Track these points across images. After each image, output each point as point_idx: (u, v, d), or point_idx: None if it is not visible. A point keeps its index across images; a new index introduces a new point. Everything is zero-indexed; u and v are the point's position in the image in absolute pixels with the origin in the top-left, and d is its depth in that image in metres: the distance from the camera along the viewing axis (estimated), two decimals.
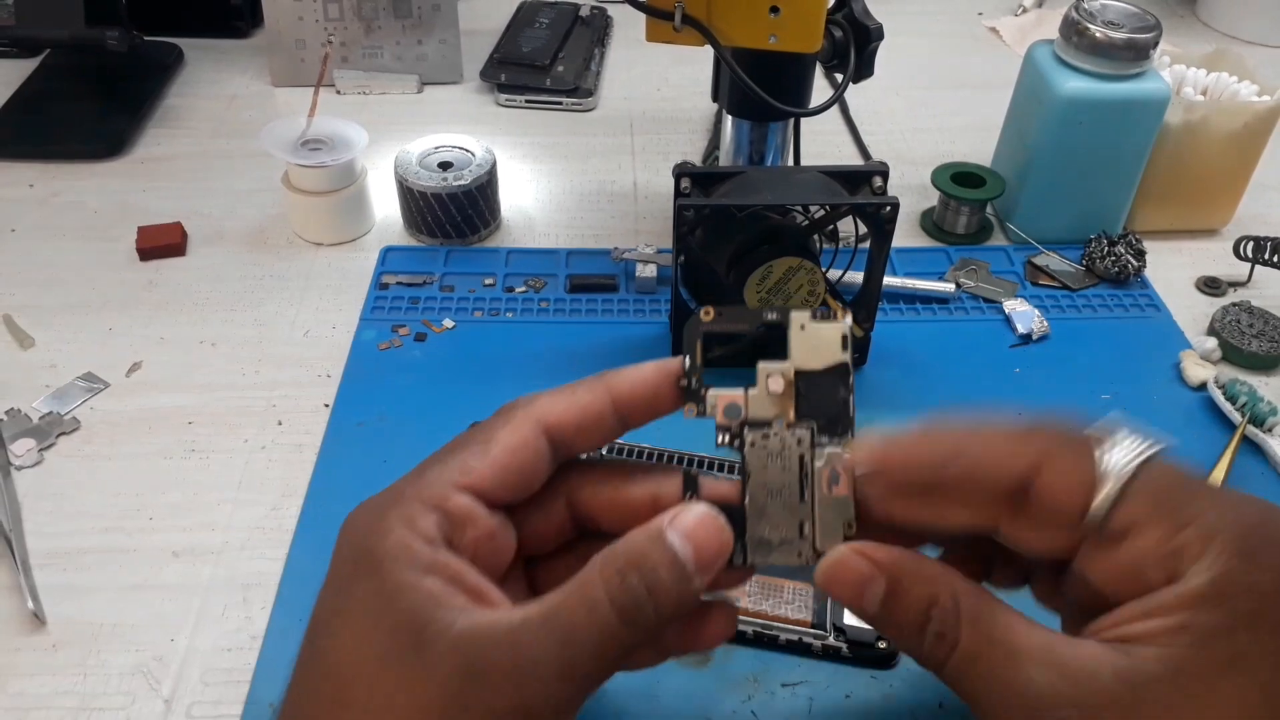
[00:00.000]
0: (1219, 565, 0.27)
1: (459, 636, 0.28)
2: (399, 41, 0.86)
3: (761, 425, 0.32)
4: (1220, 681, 0.26)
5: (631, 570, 0.29)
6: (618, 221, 0.73)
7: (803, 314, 0.32)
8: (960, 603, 0.29)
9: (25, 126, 0.79)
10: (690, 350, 0.33)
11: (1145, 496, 0.29)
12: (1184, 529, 0.28)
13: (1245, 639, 0.26)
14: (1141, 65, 0.63)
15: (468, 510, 0.32)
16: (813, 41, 0.56)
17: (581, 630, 0.29)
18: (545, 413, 0.33)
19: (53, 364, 0.59)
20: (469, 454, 0.32)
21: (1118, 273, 0.66)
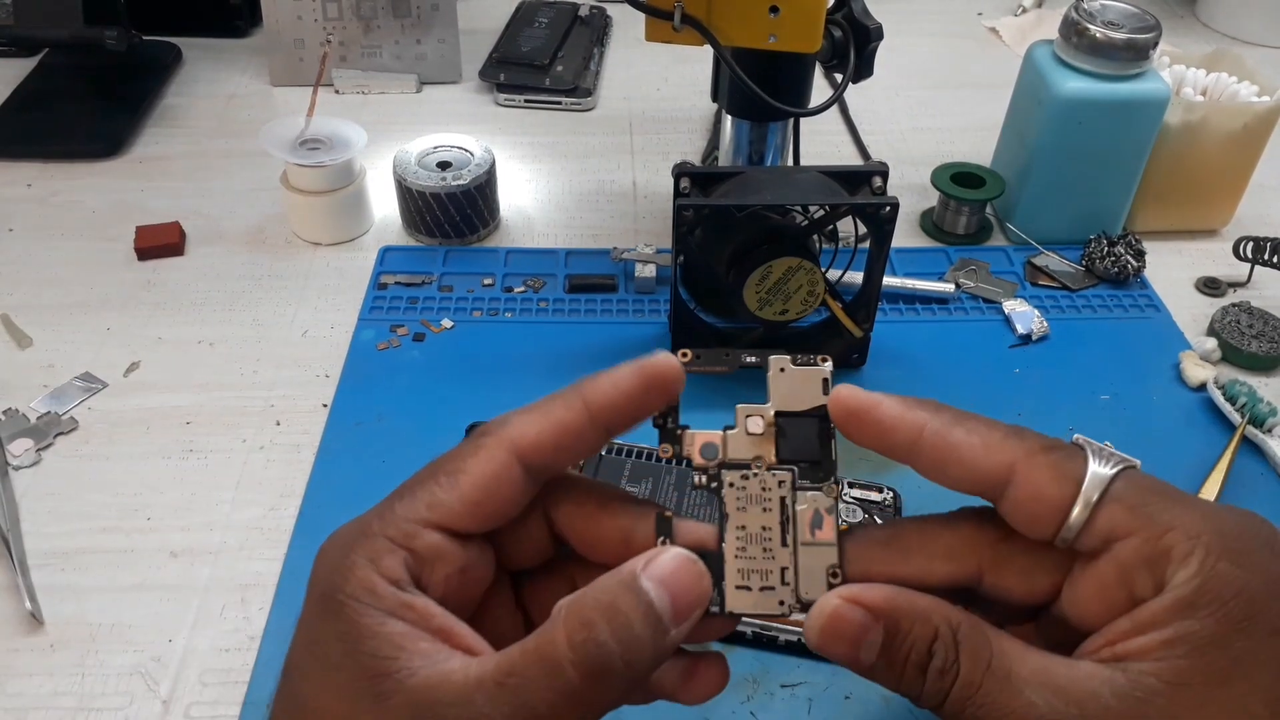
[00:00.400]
0: (1205, 569, 0.26)
1: (415, 689, 0.27)
2: (398, 41, 0.86)
3: (740, 466, 0.30)
4: (1221, 691, 0.26)
5: (600, 621, 0.27)
6: (617, 221, 0.73)
7: (782, 358, 0.31)
8: (959, 633, 0.28)
9: (24, 126, 0.79)
10: None
11: (1124, 503, 0.28)
12: (1167, 533, 0.27)
13: (1241, 645, 0.26)
14: (1141, 65, 0.63)
15: (436, 548, 0.30)
16: (812, 41, 0.56)
17: (539, 695, 0.26)
18: (519, 437, 0.31)
19: (51, 364, 0.59)
20: (438, 486, 0.30)
21: (1117, 273, 0.66)
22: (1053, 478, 0.28)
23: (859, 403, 0.30)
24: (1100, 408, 0.58)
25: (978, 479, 0.29)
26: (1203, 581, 0.26)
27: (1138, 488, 0.28)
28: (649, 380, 0.30)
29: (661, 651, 0.28)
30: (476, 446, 0.31)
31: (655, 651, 0.27)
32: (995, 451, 0.29)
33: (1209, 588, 0.26)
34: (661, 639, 0.27)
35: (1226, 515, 0.28)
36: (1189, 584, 0.26)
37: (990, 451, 0.29)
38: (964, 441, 0.29)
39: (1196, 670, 0.26)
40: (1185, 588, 0.26)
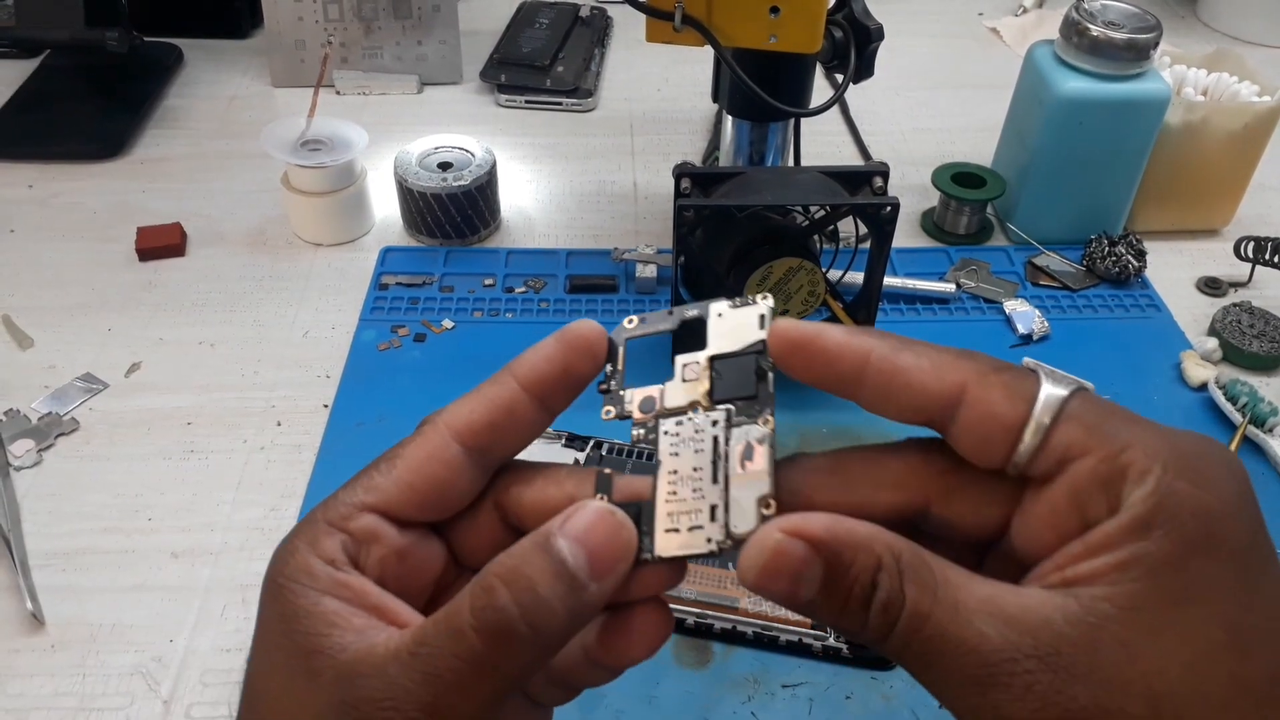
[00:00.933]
0: (1162, 488, 0.25)
1: (343, 664, 0.27)
2: (399, 42, 0.86)
3: (677, 414, 0.30)
4: (1176, 614, 0.25)
5: (500, 586, 0.26)
6: (618, 222, 0.73)
7: (721, 303, 0.31)
8: (902, 561, 0.26)
9: (25, 127, 0.79)
10: (612, 359, 0.31)
11: (1080, 421, 0.26)
12: (1124, 450, 0.26)
13: (1198, 566, 0.25)
14: (1142, 65, 0.63)
15: (371, 529, 0.30)
16: (813, 42, 0.56)
17: (445, 663, 0.26)
18: (453, 419, 0.30)
19: (52, 364, 0.59)
20: (376, 471, 0.30)
21: (1118, 273, 0.66)
22: (1005, 396, 0.27)
23: (801, 333, 0.28)
24: None
25: (928, 403, 0.27)
26: (1159, 500, 0.25)
27: (1093, 407, 0.27)
28: (569, 345, 0.30)
29: (579, 610, 0.27)
30: (416, 434, 0.31)
31: (569, 612, 0.26)
32: (946, 372, 0.27)
33: (1165, 506, 0.25)
34: (578, 597, 0.26)
35: (1184, 436, 0.26)
36: (1145, 503, 0.25)
37: (940, 372, 0.27)
38: (913, 365, 0.27)
39: (1151, 593, 0.25)
40: (1140, 507, 0.25)
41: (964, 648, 0.25)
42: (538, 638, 0.26)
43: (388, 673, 0.26)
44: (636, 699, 0.42)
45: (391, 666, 0.26)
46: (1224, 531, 0.25)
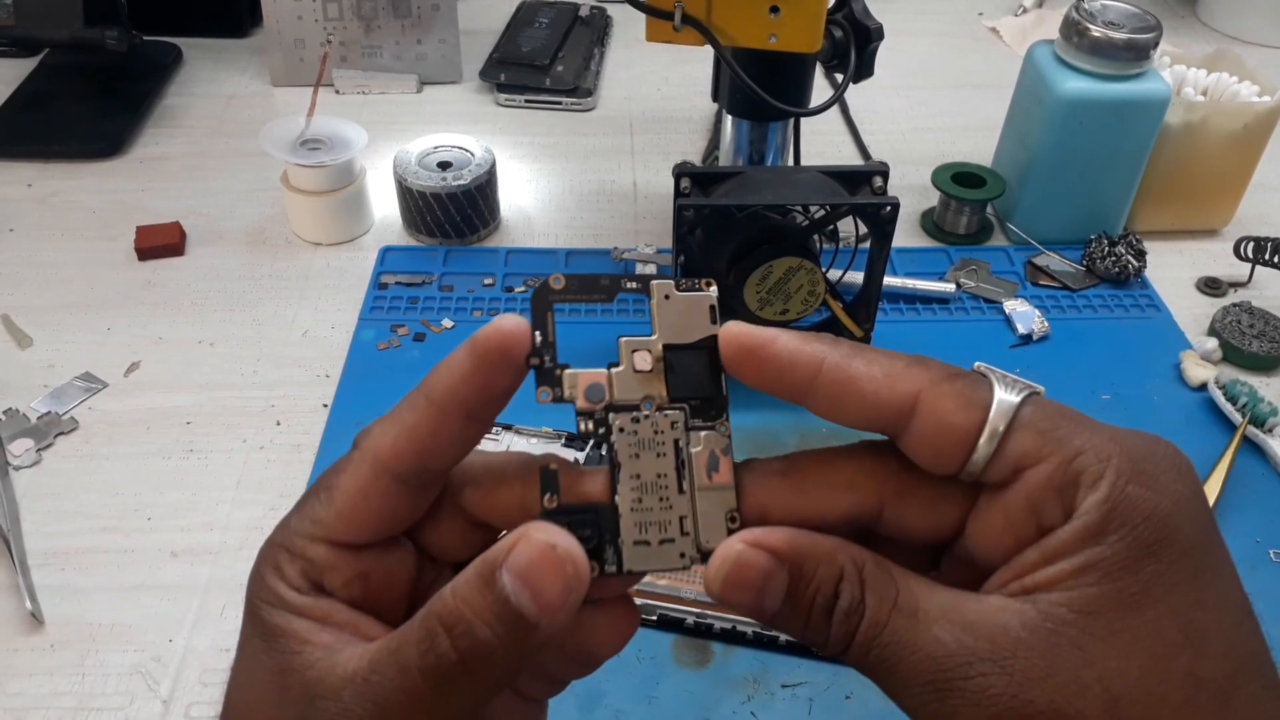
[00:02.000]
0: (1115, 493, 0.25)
1: (309, 681, 0.27)
2: (398, 41, 0.86)
3: (629, 408, 0.28)
4: (1133, 617, 0.25)
5: (440, 634, 0.25)
6: (617, 221, 0.73)
7: (666, 284, 0.29)
8: (864, 571, 0.27)
9: (24, 126, 0.79)
10: (541, 325, 0.28)
11: (1033, 428, 0.26)
12: (1077, 456, 0.26)
13: (1152, 569, 0.25)
14: (1142, 65, 0.63)
15: (325, 559, 0.29)
16: (813, 41, 0.56)
17: (392, 696, 0.26)
18: (378, 449, 0.29)
19: (51, 364, 0.59)
20: (318, 502, 0.30)
21: (1118, 273, 0.66)
22: (959, 405, 0.26)
23: (753, 339, 0.28)
24: (1101, 407, 0.58)
25: (880, 411, 0.27)
26: (1112, 505, 0.25)
27: (1046, 412, 0.27)
28: (482, 357, 0.28)
29: (530, 650, 0.26)
30: (347, 461, 0.30)
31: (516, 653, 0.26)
32: (898, 381, 0.27)
33: (1119, 512, 0.25)
34: (527, 638, 0.26)
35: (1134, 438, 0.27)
36: (1099, 509, 0.25)
37: (893, 381, 0.27)
38: (865, 373, 0.27)
39: (1107, 597, 0.25)
40: (1095, 513, 0.25)
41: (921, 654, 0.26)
42: (481, 679, 0.26)
43: (342, 696, 0.26)
44: (636, 699, 0.42)
45: (346, 691, 0.26)
46: (1176, 532, 0.25)
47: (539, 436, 0.52)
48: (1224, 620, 0.25)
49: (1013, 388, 0.27)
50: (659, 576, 0.45)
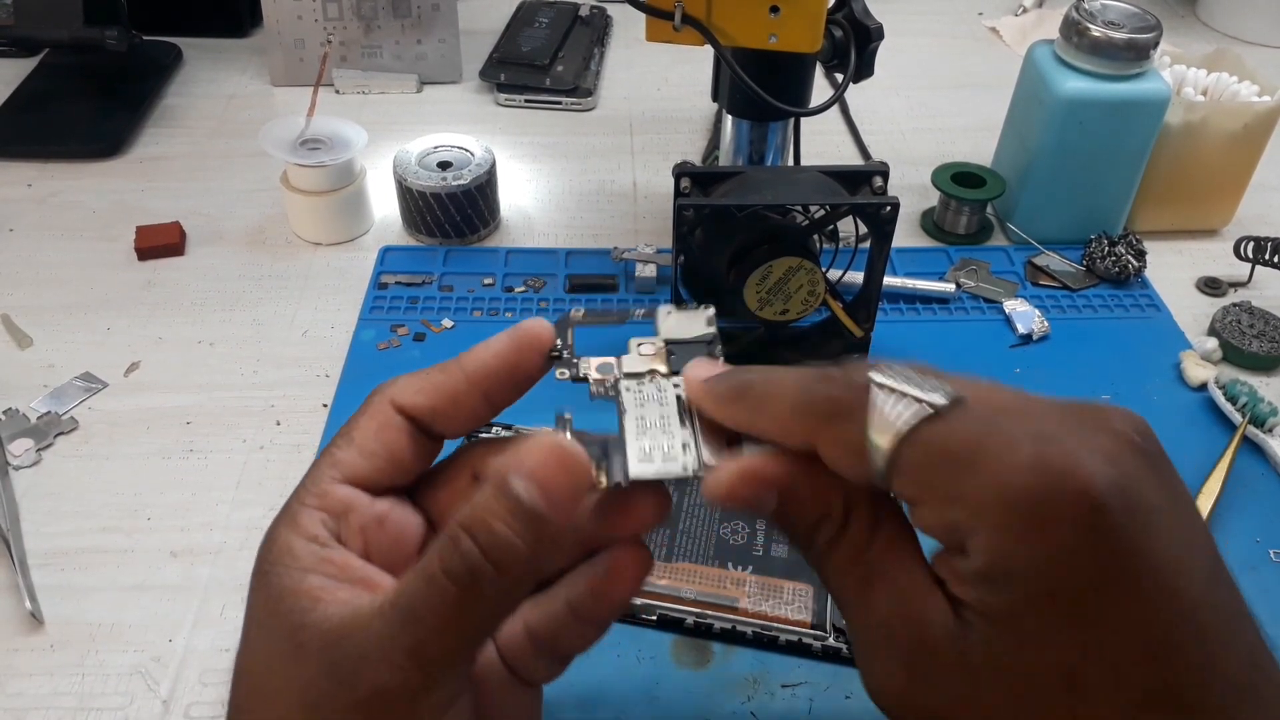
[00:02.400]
0: (992, 547, 0.26)
1: (328, 631, 0.28)
2: (398, 41, 0.86)
3: (636, 378, 0.32)
4: (1016, 661, 0.26)
5: (462, 536, 0.27)
6: (617, 221, 0.73)
7: (668, 306, 0.35)
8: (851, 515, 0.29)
9: (24, 126, 0.79)
10: (563, 338, 0.34)
11: (909, 478, 0.27)
12: (952, 506, 0.26)
13: (1032, 621, 0.25)
14: (1142, 65, 0.63)
15: (347, 499, 0.31)
16: (813, 41, 0.56)
17: (422, 607, 0.27)
18: (398, 394, 0.32)
19: (51, 364, 0.59)
20: (335, 448, 0.32)
21: (1118, 273, 0.66)
22: (843, 455, 0.28)
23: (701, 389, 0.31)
24: None
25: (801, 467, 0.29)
26: (989, 559, 0.25)
27: (927, 452, 0.27)
28: (520, 343, 0.32)
29: (543, 543, 0.27)
30: (364, 407, 0.33)
31: (532, 546, 0.27)
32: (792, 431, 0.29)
33: (998, 566, 0.25)
34: (540, 530, 0.27)
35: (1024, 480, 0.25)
36: (979, 558, 0.26)
37: (787, 432, 0.29)
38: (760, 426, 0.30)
39: (995, 639, 0.26)
40: (977, 560, 0.26)
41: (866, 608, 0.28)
42: (505, 576, 0.27)
43: (372, 626, 0.27)
44: (636, 699, 0.42)
45: (375, 621, 0.27)
46: (1060, 583, 0.25)
47: None
48: (1119, 662, 0.25)
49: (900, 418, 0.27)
50: (659, 576, 0.45)
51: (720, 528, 0.47)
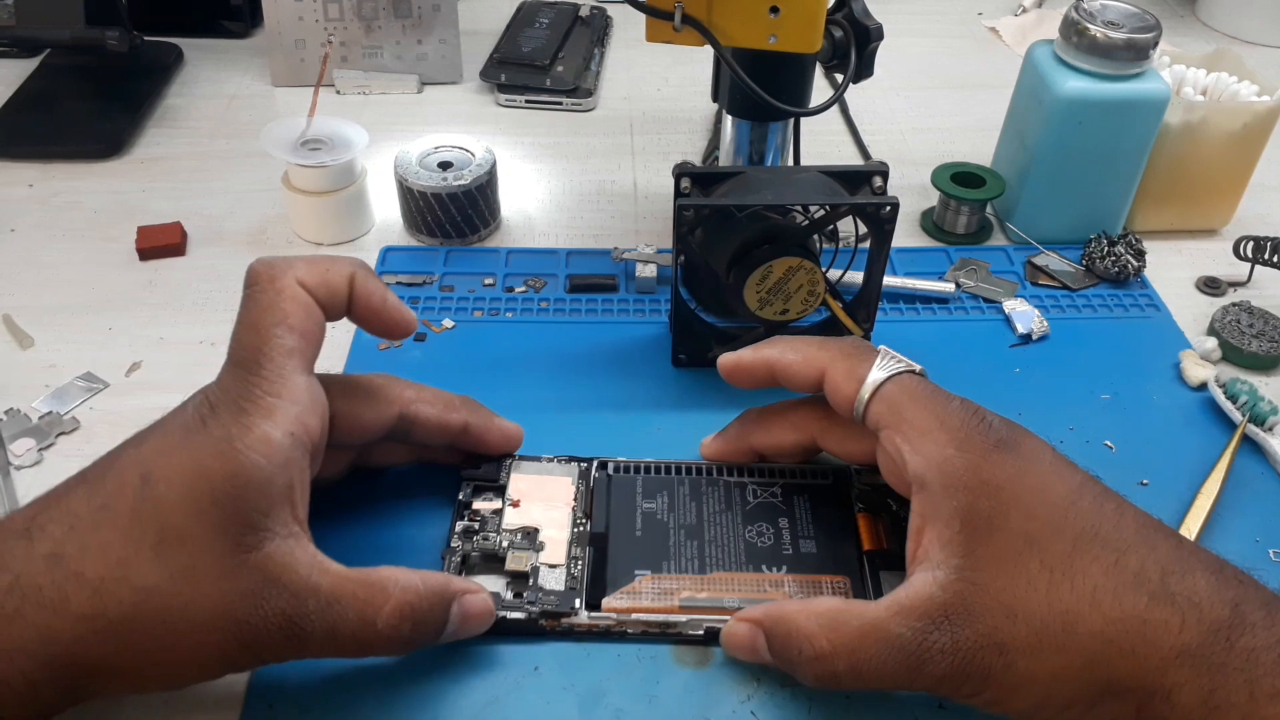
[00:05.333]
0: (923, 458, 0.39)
1: (269, 554, 0.35)
2: (399, 41, 0.86)
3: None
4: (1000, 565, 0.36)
5: (408, 621, 0.38)
6: (618, 221, 0.73)
7: None
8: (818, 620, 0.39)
9: (25, 126, 0.79)
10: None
11: (886, 402, 0.41)
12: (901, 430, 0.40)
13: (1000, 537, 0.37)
14: (1141, 65, 0.63)
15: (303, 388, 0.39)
16: (813, 41, 0.56)
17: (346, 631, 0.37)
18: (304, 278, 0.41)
19: (52, 364, 0.59)
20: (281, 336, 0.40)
21: (1117, 273, 0.66)
22: (844, 378, 0.42)
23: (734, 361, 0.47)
24: (1101, 407, 0.58)
25: (808, 383, 0.44)
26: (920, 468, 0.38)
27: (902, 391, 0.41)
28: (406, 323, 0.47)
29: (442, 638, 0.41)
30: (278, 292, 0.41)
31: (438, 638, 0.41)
32: (812, 362, 0.44)
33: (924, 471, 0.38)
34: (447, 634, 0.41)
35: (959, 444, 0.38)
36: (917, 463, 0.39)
37: (808, 363, 0.44)
38: (793, 361, 0.44)
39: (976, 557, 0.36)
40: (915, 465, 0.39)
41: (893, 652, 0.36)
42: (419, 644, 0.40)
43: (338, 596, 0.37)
44: (636, 699, 0.42)
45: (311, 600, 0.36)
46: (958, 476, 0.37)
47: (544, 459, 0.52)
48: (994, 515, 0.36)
49: (889, 366, 0.41)
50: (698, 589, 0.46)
51: (746, 532, 0.47)
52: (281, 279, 0.40)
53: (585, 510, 0.48)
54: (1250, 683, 0.32)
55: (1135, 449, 0.55)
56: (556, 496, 0.49)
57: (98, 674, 0.35)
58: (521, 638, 0.44)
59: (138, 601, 0.34)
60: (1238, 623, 0.33)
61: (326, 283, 0.41)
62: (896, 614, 0.36)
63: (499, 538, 0.47)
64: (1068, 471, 0.38)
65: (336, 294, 0.41)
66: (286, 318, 0.39)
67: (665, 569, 0.46)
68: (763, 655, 0.40)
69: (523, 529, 0.47)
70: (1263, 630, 0.33)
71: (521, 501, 0.48)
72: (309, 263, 0.41)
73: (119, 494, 0.36)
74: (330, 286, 0.41)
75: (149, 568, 0.34)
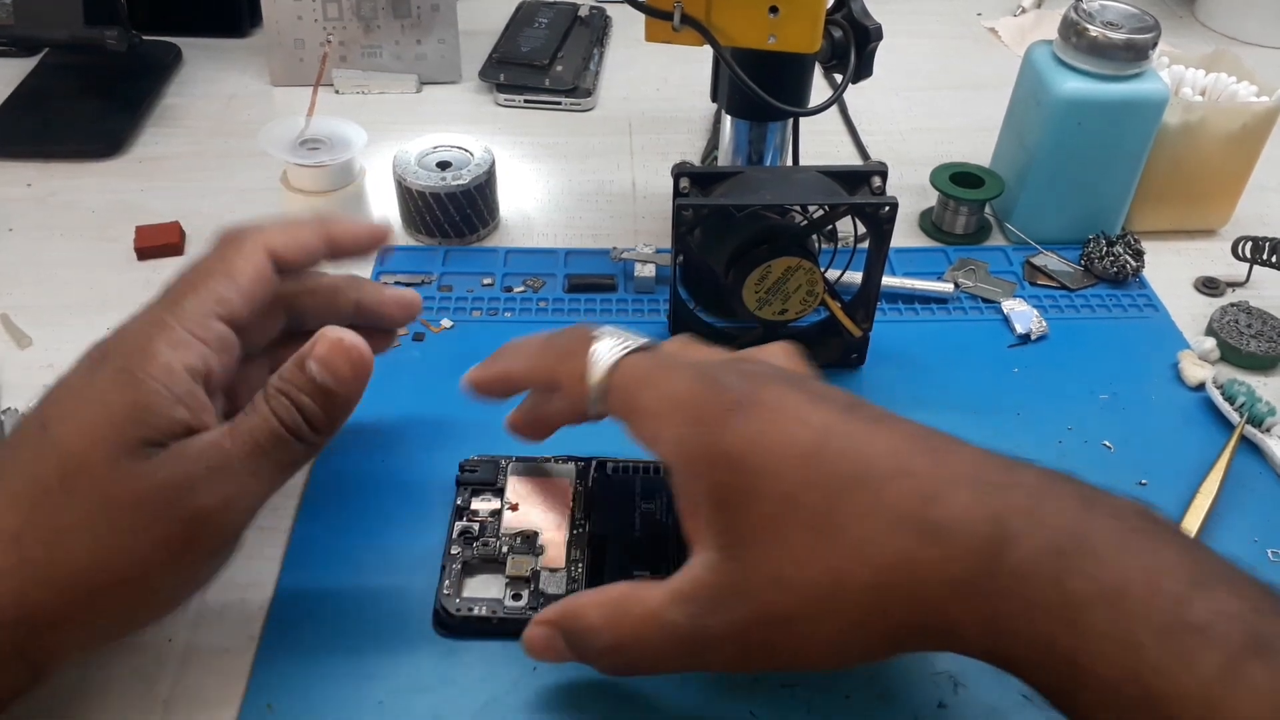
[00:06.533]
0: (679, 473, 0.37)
1: (172, 452, 0.35)
2: (398, 41, 0.86)
3: None
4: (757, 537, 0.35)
5: (281, 395, 0.38)
6: (617, 221, 0.73)
7: None
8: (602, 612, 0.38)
9: (23, 125, 0.79)
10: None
11: (614, 397, 0.39)
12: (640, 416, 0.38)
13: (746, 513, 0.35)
14: (1140, 66, 0.63)
15: (223, 338, 0.39)
16: (812, 41, 0.56)
17: (262, 436, 0.37)
18: (272, 244, 0.41)
19: (50, 364, 0.59)
20: (218, 284, 0.39)
21: (1116, 273, 0.66)
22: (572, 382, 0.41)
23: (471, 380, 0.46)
24: (1099, 407, 0.58)
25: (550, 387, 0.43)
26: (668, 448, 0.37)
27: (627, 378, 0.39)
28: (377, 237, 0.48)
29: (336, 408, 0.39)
30: (239, 248, 0.41)
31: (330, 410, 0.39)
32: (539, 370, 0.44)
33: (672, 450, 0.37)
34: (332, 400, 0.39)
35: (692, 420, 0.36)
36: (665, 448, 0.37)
37: (536, 372, 0.44)
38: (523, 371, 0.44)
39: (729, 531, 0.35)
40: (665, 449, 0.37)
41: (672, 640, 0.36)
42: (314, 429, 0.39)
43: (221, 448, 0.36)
44: (636, 698, 0.42)
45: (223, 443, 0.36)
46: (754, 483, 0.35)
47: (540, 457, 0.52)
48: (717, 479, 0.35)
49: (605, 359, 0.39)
50: None
51: None
52: (246, 239, 0.41)
53: (584, 511, 0.48)
54: (1025, 601, 0.31)
55: (1134, 449, 0.55)
56: (555, 497, 0.49)
57: (43, 629, 0.34)
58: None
59: (59, 539, 0.34)
60: (1001, 539, 0.31)
61: (295, 240, 0.42)
62: (673, 601, 0.35)
63: (498, 542, 0.47)
64: (814, 414, 0.35)
65: (307, 246, 0.43)
66: (232, 272, 0.40)
67: (663, 570, 0.46)
68: (566, 655, 0.39)
69: (522, 533, 0.47)
70: (1026, 539, 0.31)
71: (520, 505, 0.48)
72: (281, 226, 0.42)
73: (19, 448, 0.36)
74: (299, 239, 0.43)
75: (60, 503, 0.34)
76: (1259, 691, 0.27)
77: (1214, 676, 0.28)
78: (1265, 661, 0.28)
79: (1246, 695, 0.27)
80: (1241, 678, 0.28)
